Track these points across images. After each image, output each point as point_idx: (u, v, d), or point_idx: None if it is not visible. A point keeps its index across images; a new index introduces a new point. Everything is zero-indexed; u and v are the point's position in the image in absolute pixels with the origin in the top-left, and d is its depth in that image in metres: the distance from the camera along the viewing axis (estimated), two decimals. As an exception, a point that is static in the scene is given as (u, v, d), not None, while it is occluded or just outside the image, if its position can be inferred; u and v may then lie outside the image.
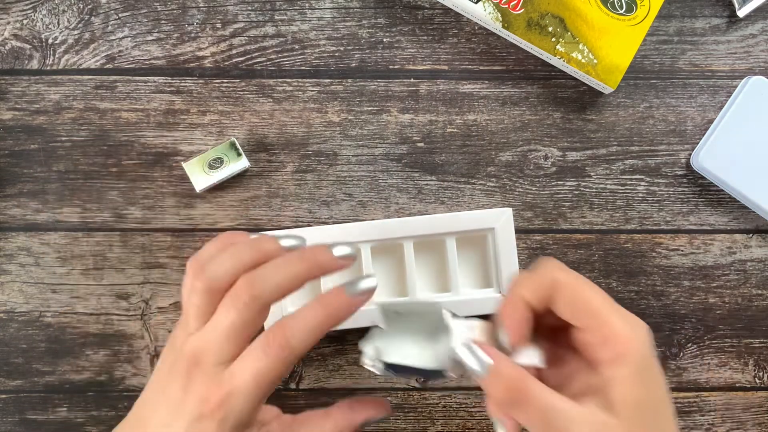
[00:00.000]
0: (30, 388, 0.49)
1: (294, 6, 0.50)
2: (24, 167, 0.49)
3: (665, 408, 0.33)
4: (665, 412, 0.33)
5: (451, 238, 0.47)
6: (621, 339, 0.32)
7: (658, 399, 0.33)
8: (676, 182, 0.50)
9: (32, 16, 0.49)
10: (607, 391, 0.32)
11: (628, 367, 0.32)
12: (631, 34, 0.47)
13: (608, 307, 0.33)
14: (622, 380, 0.32)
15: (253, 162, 0.50)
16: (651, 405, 0.32)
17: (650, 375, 0.32)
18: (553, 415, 0.32)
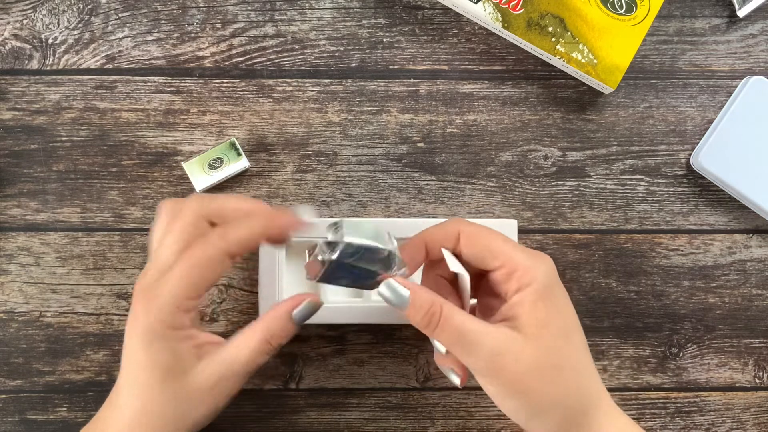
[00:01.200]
0: (30, 388, 0.49)
1: (294, 6, 0.50)
2: (24, 167, 0.49)
3: (570, 329, 0.36)
4: (570, 333, 0.36)
5: None
6: (522, 270, 0.36)
7: (562, 321, 0.36)
8: (676, 182, 0.50)
9: (32, 16, 0.49)
10: (514, 316, 0.36)
11: (531, 294, 0.36)
12: (631, 34, 0.47)
13: (510, 246, 0.37)
14: (526, 304, 0.36)
15: (253, 162, 0.50)
16: (555, 325, 0.36)
17: (554, 300, 0.36)
18: (466, 332, 0.35)
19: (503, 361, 0.35)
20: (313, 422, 0.49)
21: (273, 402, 0.49)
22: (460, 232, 0.38)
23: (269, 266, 0.47)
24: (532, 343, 0.35)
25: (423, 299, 0.36)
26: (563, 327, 0.36)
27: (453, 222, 0.39)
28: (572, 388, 0.36)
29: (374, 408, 0.49)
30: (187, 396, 0.37)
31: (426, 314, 0.36)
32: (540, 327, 0.35)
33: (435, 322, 0.36)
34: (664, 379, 0.50)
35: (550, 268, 0.37)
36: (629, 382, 0.50)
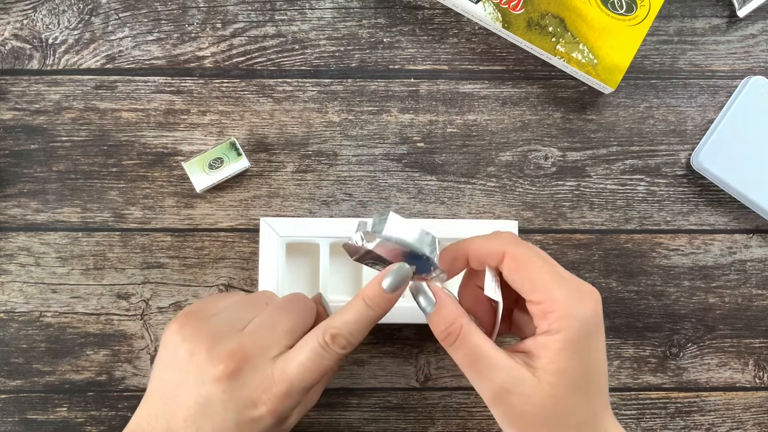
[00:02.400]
0: (30, 388, 0.49)
1: (294, 6, 0.50)
2: (24, 167, 0.49)
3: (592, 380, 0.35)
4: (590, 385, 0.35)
5: None
6: (558, 314, 0.34)
7: (584, 371, 0.35)
8: (676, 182, 0.50)
9: (32, 16, 0.49)
10: (535, 355, 0.35)
11: (558, 342, 0.34)
12: (631, 34, 0.47)
13: (554, 280, 0.35)
14: (551, 350, 0.34)
15: (253, 162, 0.50)
16: (574, 375, 0.34)
17: (582, 349, 0.35)
18: (479, 357, 0.35)
19: (511, 399, 0.34)
20: (313, 422, 0.49)
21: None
22: (505, 253, 0.36)
23: (269, 266, 0.47)
24: (544, 390, 0.34)
25: (447, 312, 0.36)
26: (583, 377, 0.35)
27: (500, 240, 0.37)
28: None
29: (374, 408, 0.49)
30: None
31: (446, 329, 0.36)
32: (558, 375, 0.34)
33: (452, 338, 0.35)
34: (664, 379, 0.50)
35: (591, 314, 0.35)
36: (629, 382, 0.50)
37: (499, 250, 0.36)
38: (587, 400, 0.35)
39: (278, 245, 0.47)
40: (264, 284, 0.47)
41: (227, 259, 0.49)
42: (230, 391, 0.35)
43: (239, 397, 0.35)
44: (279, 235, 0.47)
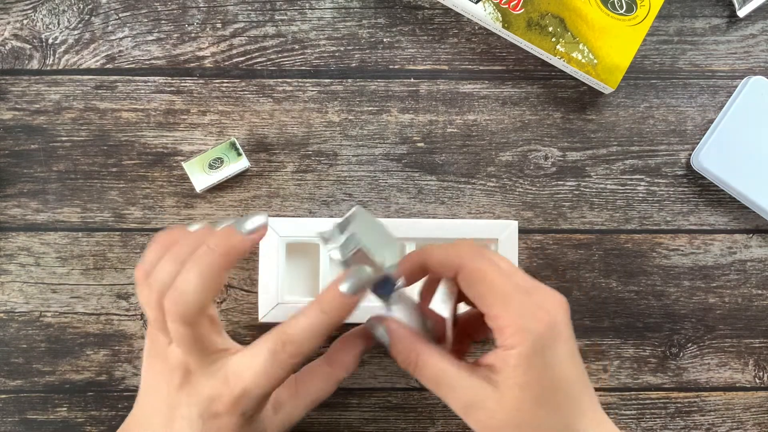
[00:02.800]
0: (30, 388, 0.49)
1: (294, 6, 0.50)
2: (24, 167, 0.49)
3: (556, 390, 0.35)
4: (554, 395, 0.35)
5: None
6: (511, 331, 0.34)
7: (546, 383, 0.34)
8: (676, 182, 0.50)
9: (32, 16, 0.49)
10: (497, 369, 0.35)
11: (514, 358, 0.34)
12: (631, 34, 0.47)
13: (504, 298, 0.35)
14: (510, 366, 0.34)
15: (253, 162, 0.50)
16: (536, 388, 0.34)
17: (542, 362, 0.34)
18: (441, 379, 0.35)
19: (476, 414, 0.35)
20: (313, 422, 0.49)
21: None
22: (460, 267, 0.36)
23: (269, 266, 0.47)
24: (508, 404, 0.34)
25: (401, 345, 0.37)
26: (545, 390, 0.34)
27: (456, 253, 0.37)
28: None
29: (374, 408, 0.49)
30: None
31: (404, 360, 0.37)
32: (518, 389, 0.34)
33: (412, 367, 0.37)
34: (664, 379, 0.50)
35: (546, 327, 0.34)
36: (629, 382, 0.50)
37: (454, 264, 0.36)
38: (553, 411, 0.34)
39: (278, 245, 0.47)
40: (264, 284, 0.47)
41: (227, 259, 0.49)
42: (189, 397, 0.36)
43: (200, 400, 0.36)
44: (279, 235, 0.47)
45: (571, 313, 0.50)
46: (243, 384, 0.35)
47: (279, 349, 0.35)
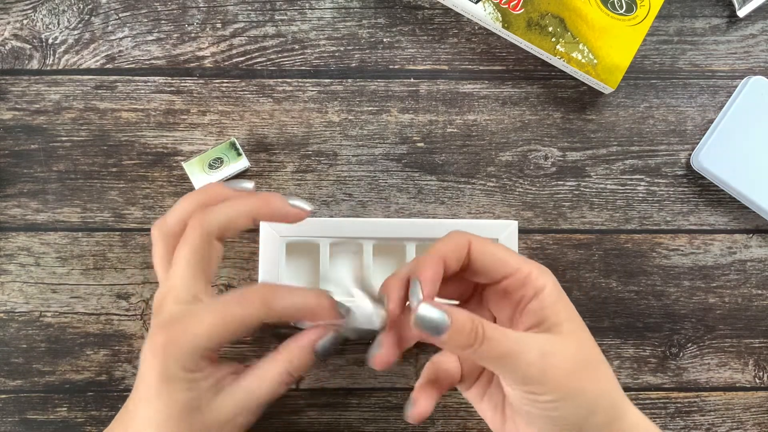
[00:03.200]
0: (30, 388, 0.49)
1: (294, 6, 0.50)
2: (24, 167, 0.49)
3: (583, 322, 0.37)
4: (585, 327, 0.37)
5: None
6: (535, 275, 0.36)
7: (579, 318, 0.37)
8: (676, 182, 0.50)
9: (32, 16, 0.49)
10: (541, 320, 0.36)
11: (550, 296, 0.36)
12: (631, 34, 0.47)
13: (516, 256, 0.37)
14: (549, 306, 0.35)
15: (253, 162, 0.50)
16: (578, 322, 0.36)
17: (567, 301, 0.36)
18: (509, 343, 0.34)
19: (554, 360, 0.34)
20: (313, 422, 0.49)
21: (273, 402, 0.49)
22: (470, 242, 0.37)
23: (269, 266, 0.47)
24: (571, 342, 0.35)
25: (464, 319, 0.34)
26: (580, 324, 0.36)
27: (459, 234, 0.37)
28: (612, 381, 0.36)
29: (374, 408, 0.49)
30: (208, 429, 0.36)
31: (470, 333, 0.34)
32: (570, 324, 0.36)
33: (480, 339, 0.34)
34: (664, 379, 0.50)
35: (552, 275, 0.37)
36: (629, 382, 0.50)
37: (464, 242, 0.37)
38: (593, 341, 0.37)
39: (278, 245, 0.47)
40: (264, 284, 0.47)
41: (227, 260, 0.49)
42: None
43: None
44: (279, 235, 0.47)
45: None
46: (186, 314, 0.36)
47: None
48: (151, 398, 0.35)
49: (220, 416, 0.36)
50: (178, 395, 0.35)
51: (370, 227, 0.47)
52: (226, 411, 0.36)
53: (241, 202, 0.37)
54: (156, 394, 0.35)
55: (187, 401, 0.35)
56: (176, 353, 0.35)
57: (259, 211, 0.37)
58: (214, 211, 0.37)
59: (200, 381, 0.36)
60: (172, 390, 0.35)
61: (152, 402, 0.35)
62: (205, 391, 0.36)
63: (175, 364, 0.35)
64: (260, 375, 0.37)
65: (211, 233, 0.37)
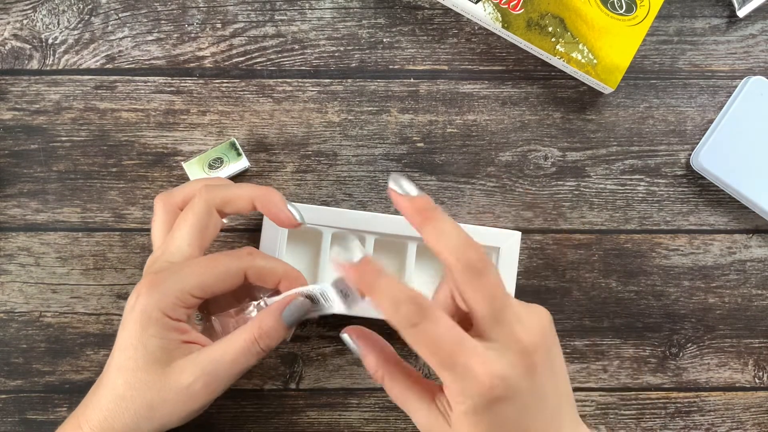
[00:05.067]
0: (30, 388, 0.49)
1: (294, 6, 0.50)
2: (24, 167, 0.49)
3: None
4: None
5: None
6: (451, 393, 0.34)
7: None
8: (676, 182, 0.50)
9: (32, 16, 0.49)
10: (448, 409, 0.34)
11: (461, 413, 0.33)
12: (631, 34, 0.47)
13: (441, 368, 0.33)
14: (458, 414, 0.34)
15: (253, 162, 0.50)
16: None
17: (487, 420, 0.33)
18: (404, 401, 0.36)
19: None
20: (313, 422, 0.49)
21: (273, 402, 0.49)
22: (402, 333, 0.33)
23: (270, 252, 0.46)
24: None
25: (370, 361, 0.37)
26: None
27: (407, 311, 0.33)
28: None
29: (374, 408, 0.49)
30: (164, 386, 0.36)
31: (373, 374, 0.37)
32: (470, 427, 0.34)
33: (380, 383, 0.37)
34: (664, 379, 0.50)
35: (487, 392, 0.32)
36: (629, 382, 0.50)
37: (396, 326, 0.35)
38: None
39: (281, 231, 0.47)
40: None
41: (227, 242, 0.49)
42: None
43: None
44: None
45: (571, 313, 0.50)
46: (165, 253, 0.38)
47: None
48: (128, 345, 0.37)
49: (180, 378, 0.37)
50: (150, 342, 0.36)
51: (374, 221, 0.47)
52: (188, 374, 0.37)
53: (244, 186, 0.40)
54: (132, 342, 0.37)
55: (157, 351, 0.36)
56: (158, 294, 0.36)
57: (259, 199, 0.40)
58: (219, 188, 0.40)
59: (172, 332, 0.37)
60: (147, 336, 0.36)
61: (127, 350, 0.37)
62: (174, 346, 0.37)
63: (155, 305, 0.36)
64: (227, 342, 0.38)
65: (213, 203, 0.39)
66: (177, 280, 0.37)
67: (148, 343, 0.36)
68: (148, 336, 0.36)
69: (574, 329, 0.50)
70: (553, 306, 0.50)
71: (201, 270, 0.37)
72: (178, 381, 0.37)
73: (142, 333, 0.36)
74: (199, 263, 0.38)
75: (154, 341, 0.36)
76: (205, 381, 0.37)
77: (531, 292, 0.50)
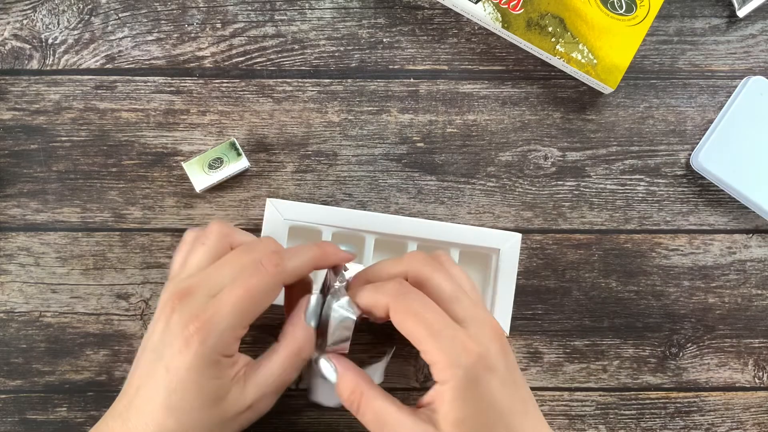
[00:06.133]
0: (30, 388, 0.49)
1: (294, 6, 0.50)
2: (24, 167, 0.49)
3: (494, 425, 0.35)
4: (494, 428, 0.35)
5: (456, 249, 0.47)
6: (441, 366, 0.35)
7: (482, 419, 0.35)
8: (676, 182, 0.50)
9: (32, 16, 0.49)
10: (435, 408, 0.35)
11: (449, 392, 0.35)
12: (630, 34, 0.47)
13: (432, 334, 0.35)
14: (445, 402, 0.35)
15: (253, 162, 0.50)
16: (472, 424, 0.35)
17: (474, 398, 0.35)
18: (384, 422, 0.36)
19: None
20: (313, 422, 0.49)
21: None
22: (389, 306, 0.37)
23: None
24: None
25: (347, 382, 0.38)
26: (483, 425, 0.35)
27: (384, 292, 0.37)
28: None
29: (374, 408, 0.49)
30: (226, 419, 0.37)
31: (348, 396, 0.38)
32: (456, 426, 0.35)
33: (356, 406, 0.37)
34: (663, 379, 0.50)
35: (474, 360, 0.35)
36: (629, 382, 0.50)
37: (383, 304, 0.37)
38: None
39: (281, 228, 0.47)
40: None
41: (227, 259, 0.49)
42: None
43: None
44: (283, 218, 0.47)
45: (571, 313, 0.50)
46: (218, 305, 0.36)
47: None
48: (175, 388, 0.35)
49: (242, 405, 0.37)
50: (205, 383, 0.36)
51: (374, 221, 0.47)
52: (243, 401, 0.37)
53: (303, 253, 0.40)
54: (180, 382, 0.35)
55: (214, 390, 0.36)
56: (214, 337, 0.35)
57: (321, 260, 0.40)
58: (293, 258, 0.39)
59: (227, 369, 0.37)
60: (202, 378, 0.35)
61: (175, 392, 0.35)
62: (229, 380, 0.37)
63: (213, 348, 0.35)
64: (274, 363, 0.38)
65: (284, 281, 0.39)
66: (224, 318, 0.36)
67: (205, 385, 0.36)
68: (207, 379, 0.36)
69: (574, 329, 0.50)
70: (553, 306, 0.50)
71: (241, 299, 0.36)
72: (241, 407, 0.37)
73: (199, 377, 0.35)
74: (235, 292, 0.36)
75: (212, 383, 0.36)
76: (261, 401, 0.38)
77: (531, 292, 0.50)
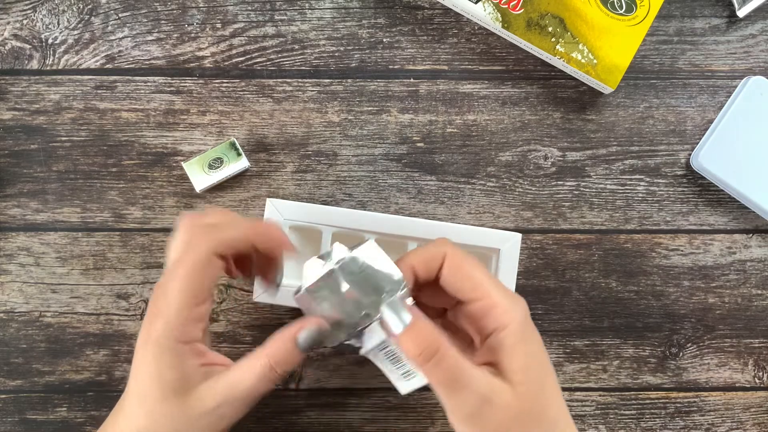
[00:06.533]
0: (30, 388, 0.49)
1: (294, 6, 0.50)
2: (24, 167, 0.49)
3: (545, 374, 0.36)
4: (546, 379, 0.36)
5: None
6: (502, 308, 0.35)
7: (539, 366, 0.35)
8: (676, 182, 0.50)
9: (32, 16, 0.49)
10: (496, 361, 0.35)
11: (511, 337, 0.35)
12: (630, 34, 0.47)
13: (491, 281, 0.36)
14: (507, 348, 0.35)
15: (253, 162, 0.50)
16: (534, 372, 0.35)
17: (531, 344, 0.35)
18: (460, 373, 0.34)
19: (491, 409, 0.34)
20: (313, 422, 0.49)
21: (273, 402, 0.49)
22: (445, 254, 0.36)
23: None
24: (516, 392, 0.34)
25: (426, 329, 0.35)
26: (540, 373, 0.35)
27: (439, 243, 0.37)
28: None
29: (374, 408, 0.49)
30: (187, 415, 0.36)
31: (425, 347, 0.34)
32: (522, 373, 0.34)
33: (430, 355, 0.34)
34: (663, 379, 0.50)
35: (526, 310, 0.36)
36: (629, 382, 0.50)
37: (439, 252, 0.37)
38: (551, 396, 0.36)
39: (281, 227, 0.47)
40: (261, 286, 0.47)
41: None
42: None
43: None
44: (283, 218, 0.47)
45: (571, 313, 0.50)
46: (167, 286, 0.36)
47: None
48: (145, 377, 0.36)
49: (204, 403, 0.36)
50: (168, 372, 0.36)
51: (374, 221, 0.47)
52: (211, 398, 0.36)
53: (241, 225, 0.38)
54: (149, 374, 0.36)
55: (176, 381, 0.36)
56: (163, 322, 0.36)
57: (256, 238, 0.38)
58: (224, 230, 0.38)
59: (190, 358, 0.36)
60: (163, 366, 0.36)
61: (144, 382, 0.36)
62: (193, 372, 0.36)
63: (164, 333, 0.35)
64: (245, 368, 0.37)
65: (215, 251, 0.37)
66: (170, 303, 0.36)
67: (165, 374, 0.36)
68: (164, 367, 0.36)
69: (574, 329, 0.50)
70: (553, 306, 0.50)
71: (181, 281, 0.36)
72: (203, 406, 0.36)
73: (158, 364, 0.36)
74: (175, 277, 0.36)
75: (171, 372, 0.36)
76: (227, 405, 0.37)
77: (531, 292, 0.50)
